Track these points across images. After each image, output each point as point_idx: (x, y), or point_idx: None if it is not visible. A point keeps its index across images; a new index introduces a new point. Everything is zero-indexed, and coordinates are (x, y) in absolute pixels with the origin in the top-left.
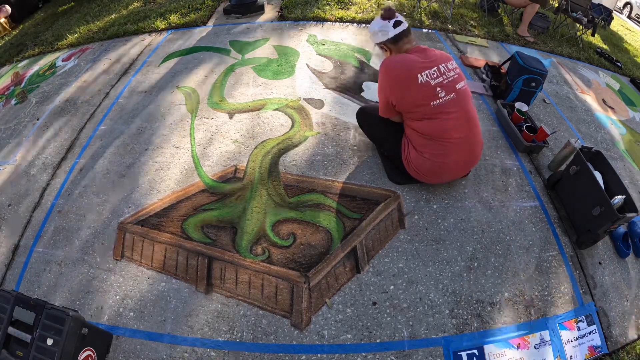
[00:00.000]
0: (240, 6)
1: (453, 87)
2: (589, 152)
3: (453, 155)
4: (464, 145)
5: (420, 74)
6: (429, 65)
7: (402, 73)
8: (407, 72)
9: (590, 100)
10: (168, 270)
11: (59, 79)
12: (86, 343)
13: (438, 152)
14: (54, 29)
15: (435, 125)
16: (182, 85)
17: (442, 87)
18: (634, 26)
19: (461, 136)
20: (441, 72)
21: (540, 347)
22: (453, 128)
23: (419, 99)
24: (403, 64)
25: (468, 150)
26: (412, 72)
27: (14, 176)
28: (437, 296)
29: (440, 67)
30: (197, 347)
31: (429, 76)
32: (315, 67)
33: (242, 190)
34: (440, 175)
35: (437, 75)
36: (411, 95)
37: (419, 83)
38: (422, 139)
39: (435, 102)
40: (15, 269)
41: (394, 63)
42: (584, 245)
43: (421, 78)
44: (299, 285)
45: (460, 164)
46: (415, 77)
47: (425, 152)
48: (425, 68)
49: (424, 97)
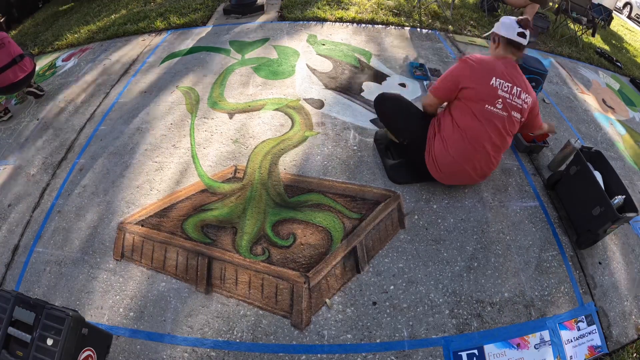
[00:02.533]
0: (240, 6)
1: (510, 109)
2: (589, 152)
3: (474, 164)
4: (486, 161)
5: (496, 79)
6: (508, 79)
7: (483, 67)
8: (488, 70)
9: (590, 100)
10: (168, 270)
11: (59, 79)
12: (86, 343)
13: (463, 154)
14: (54, 29)
15: (476, 126)
16: (182, 85)
17: (504, 102)
18: (634, 26)
19: (489, 152)
20: (512, 92)
21: (540, 347)
22: (487, 139)
23: (481, 94)
24: (487, 63)
25: (486, 168)
26: (490, 72)
27: (14, 176)
28: (437, 296)
29: (514, 89)
30: (197, 347)
31: (501, 86)
32: (315, 67)
33: (242, 190)
34: (453, 177)
35: (507, 91)
36: (478, 88)
37: (489, 84)
38: (457, 133)
39: (489, 108)
40: (15, 269)
41: (480, 58)
42: (584, 245)
43: (494, 82)
44: (299, 285)
45: (473, 176)
46: (490, 78)
47: (451, 149)
48: (502, 78)
49: (486, 96)
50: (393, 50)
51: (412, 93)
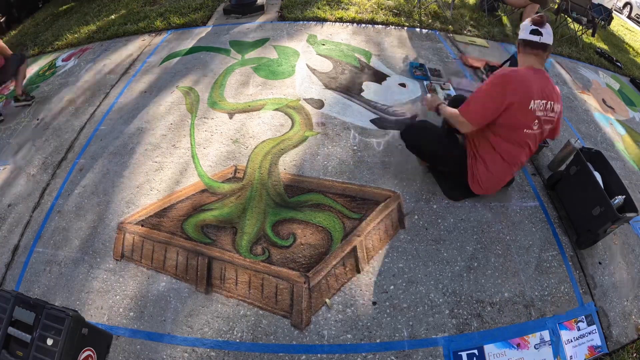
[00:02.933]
0: (240, 6)
1: (544, 125)
2: (589, 152)
3: (512, 174)
4: (519, 167)
5: (534, 100)
6: (543, 96)
7: (522, 89)
8: (526, 91)
9: (590, 100)
10: (168, 270)
11: (59, 79)
12: (86, 343)
13: (504, 172)
14: (54, 29)
15: (515, 153)
16: (182, 85)
17: (539, 121)
18: (634, 26)
19: (524, 162)
20: (547, 108)
21: (540, 347)
22: (524, 156)
23: (519, 121)
24: (525, 81)
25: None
26: (530, 94)
27: (14, 176)
28: (437, 296)
29: (549, 104)
30: (197, 347)
31: (538, 106)
32: (315, 67)
33: (242, 190)
34: (496, 188)
35: (542, 109)
36: (520, 115)
37: (528, 108)
38: (497, 158)
39: (527, 131)
40: (15, 269)
41: (517, 76)
42: (584, 245)
43: (532, 105)
44: (299, 285)
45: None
46: (529, 101)
47: (494, 171)
48: (539, 97)
49: (524, 122)
50: (393, 50)
51: (412, 93)
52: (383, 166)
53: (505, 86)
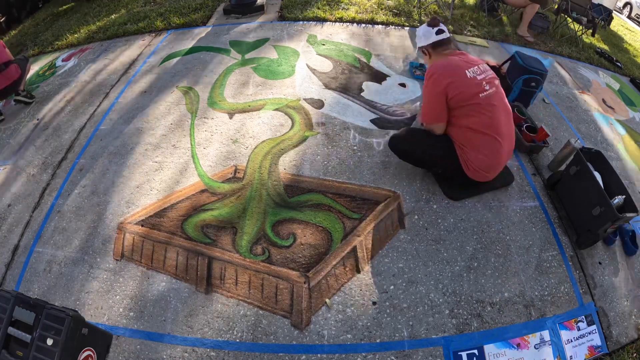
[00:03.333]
0: (240, 6)
1: (493, 82)
2: (589, 152)
3: (504, 148)
4: (509, 137)
5: (467, 70)
6: (471, 64)
7: (451, 69)
8: (456, 69)
9: (590, 100)
10: (168, 270)
11: (59, 79)
12: (86, 343)
13: (493, 148)
14: (54, 29)
15: (487, 119)
16: (182, 85)
17: (486, 81)
18: (634, 26)
19: (506, 131)
20: (481, 70)
21: (540, 347)
22: (501, 119)
23: (470, 90)
24: (449, 63)
25: (511, 143)
26: (460, 68)
27: (14, 176)
28: (437, 296)
29: (480, 67)
30: (197, 347)
31: (474, 72)
32: (315, 67)
33: (242, 190)
34: (497, 168)
35: (479, 72)
36: (463, 87)
37: (468, 77)
38: (478, 136)
39: (484, 94)
40: (15, 269)
41: (441, 65)
42: (584, 245)
43: (469, 73)
44: (299, 285)
45: (507, 156)
46: (464, 73)
47: (483, 149)
48: (469, 66)
49: (474, 88)
50: (393, 50)
51: (412, 93)
52: (383, 166)
53: (433, 76)
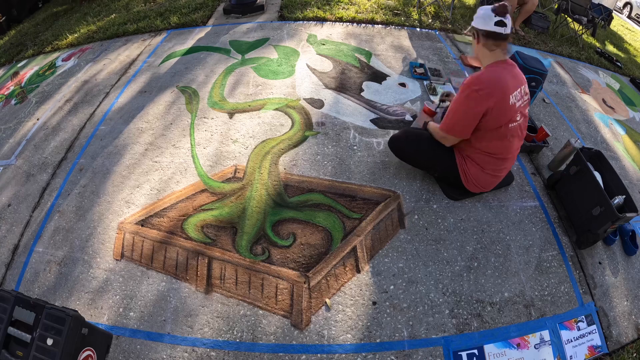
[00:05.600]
0: (240, 6)
1: (524, 111)
2: (589, 152)
3: (507, 168)
4: (514, 158)
5: (512, 95)
6: (517, 85)
7: (499, 90)
8: (504, 90)
9: (590, 100)
10: (168, 270)
11: (59, 79)
12: (86, 343)
13: (499, 167)
14: (54, 29)
15: (505, 146)
16: (182, 85)
17: (520, 110)
18: (634, 26)
19: (515, 154)
20: (522, 94)
21: (540, 347)
22: (515, 148)
23: (504, 119)
24: (499, 81)
25: (514, 161)
26: (507, 91)
27: (14, 176)
28: (437, 296)
29: (522, 89)
30: (197, 347)
31: (515, 97)
32: (315, 67)
33: (242, 190)
34: (495, 184)
35: (519, 98)
36: (502, 113)
37: (509, 104)
38: (487, 157)
39: (512, 125)
40: (15, 269)
41: (490, 81)
42: (584, 245)
43: (512, 99)
44: (299, 285)
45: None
46: (508, 98)
47: (487, 168)
48: (514, 88)
49: (508, 118)
50: (393, 50)
51: (412, 93)
52: (383, 166)
53: (480, 91)
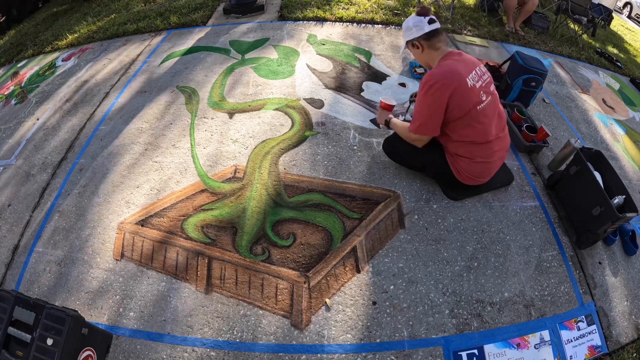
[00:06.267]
0: (240, 6)
1: (489, 89)
2: (589, 152)
3: (496, 152)
4: (500, 141)
5: (468, 78)
6: (470, 68)
7: (453, 77)
8: (458, 76)
9: (590, 100)
10: (168, 270)
11: (59, 79)
12: (86, 343)
13: (486, 153)
14: (54, 29)
15: (480, 131)
16: (182, 85)
17: (483, 90)
18: (634, 26)
19: (499, 134)
20: (479, 75)
21: (540, 347)
22: (491, 130)
23: (469, 103)
24: (450, 70)
25: (504, 144)
26: (461, 76)
27: (14, 176)
28: (437, 296)
29: (477, 70)
30: (197, 347)
31: (473, 79)
32: (315, 67)
33: (242, 190)
34: (490, 173)
35: (477, 79)
36: (463, 100)
37: (469, 87)
38: (469, 146)
39: (480, 106)
40: (15, 269)
41: (441, 72)
42: (584, 245)
43: (469, 82)
44: (299, 285)
45: (501, 158)
46: (465, 82)
47: (476, 157)
48: (468, 72)
49: (473, 101)
50: (393, 50)
51: (412, 93)
52: (383, 166)
53: (435, 85)
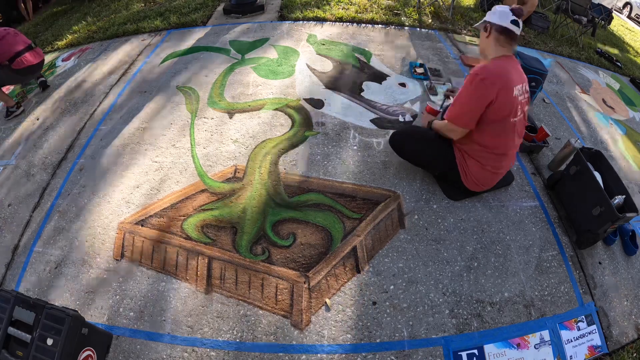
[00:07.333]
0: (240, 6)
1: (524, 108)
2: (589, 152)
3: (507, 164)
4: (514, 156)
5: (515, 87)
6: (520, 80)
7: (505, 79)
8: (508, 80)
9: (590, 100)
10: (168, 270)
11: (59, 79)
12: (86, 343)
13: (499, 164)
14: (54, 29)
15: (505, 142)
16: (182, 85)
17: (521, 106)
18: (634, 26)
19: (514, 150)
20: (523, 90)
21: (540, 347)
22: (514, 144)
23: (506, 110)
24: (503, 71)
25: (514, 158)
26: (511, 81)
27: (14, 176)
28: (437, 296)
29: (524, 85)
30: (197, 347)
31: (519, 91)
32: (315, 67)
33: (242, 190)
34: (494, 182)
35: (522, 92)
36: (505, 105)
37: (513, 96)
38: (487, 153)
39: (514, 119)
40: (15, 269)
41: (495, 70)
42: (584, 245)
43: (515, 91)
44: (299, 285)
45: (506, 171)
46: (512, 89)
47: (487, 165)
48: (518, 82)
49: (511, 110)
50: (393, 50)
51: (412, 93)
52: (383, 166)
53: (486, 80)
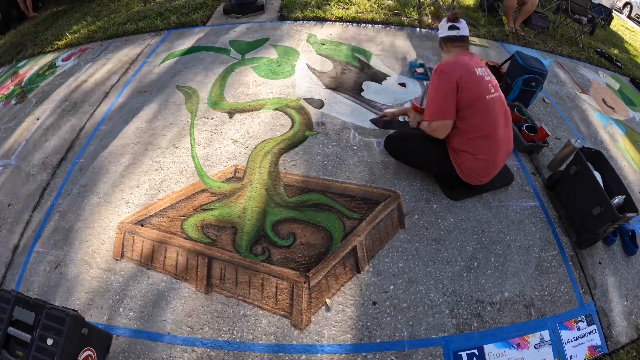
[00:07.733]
0: (240, 6)
1: (497, 87)
2: (589, 152)
3: (501, 152)
4: (506, 141)
5: (476, 69)
6: (478, 64)
7: (461, 66)
8: (465, 66)
9: (590, 100)
10: (168, 270)
11: (59, 79)
12: (86, 343)
13: (490, 151)
14: (54, 29)
15: (490, 121)
16: (182, 85)
17: (491, 84)
18: (634, 26)
19: (504, 134)
20: (487, 72)
21: (540, 347)
22: (499, 125)
23: (480, 89)
24: (458, 61)
25: (508, 145)
26: (469, 67)
27: (14, 176)
28: (437, 296)
29: (485, 69)
30: (197, 347)
31: (481, 72)
32: (315, 67)
33: (242, 190)
34: (492, 172)
35: (487, 74)
36: (474, 84)
37: (477, 75)
38: (475, 141)
39: (489, 96)
40: (15, 269)
41: (450, 62)
42: (584, 245)
43: (478, 72)
44: (299, 285)
45: (503, 159)
46: (474, 70)
47: (480, 154)
48: (477, 66)
49: (482, 88)
50: (393, 50)
51: (412, 93)
52: (383, 166)
53: (443, 72)
